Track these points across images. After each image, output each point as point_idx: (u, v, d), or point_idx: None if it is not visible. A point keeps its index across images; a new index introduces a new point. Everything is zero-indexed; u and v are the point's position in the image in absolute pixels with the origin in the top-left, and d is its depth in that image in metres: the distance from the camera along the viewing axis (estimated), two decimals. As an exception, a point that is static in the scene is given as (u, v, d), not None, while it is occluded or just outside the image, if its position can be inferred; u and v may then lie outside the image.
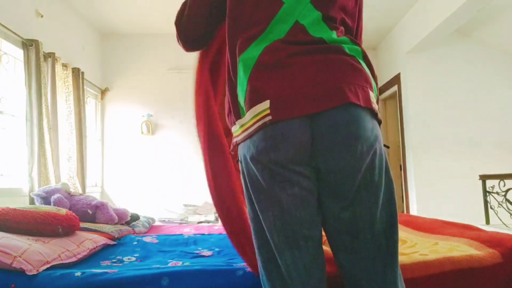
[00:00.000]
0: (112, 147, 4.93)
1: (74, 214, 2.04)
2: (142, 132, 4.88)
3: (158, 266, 1.60)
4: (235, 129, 1.06)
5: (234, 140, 1.07)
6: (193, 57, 1.37)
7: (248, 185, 1.02)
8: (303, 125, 0.93)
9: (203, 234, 2.34)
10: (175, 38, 1.28)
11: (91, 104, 4.74)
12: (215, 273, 1.45)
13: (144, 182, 4.85)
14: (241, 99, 1.01)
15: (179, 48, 1.31)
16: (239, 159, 1.06)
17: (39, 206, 2.22)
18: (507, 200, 2.33)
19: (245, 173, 1.02)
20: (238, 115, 1.03)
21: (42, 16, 3.51)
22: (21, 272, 1.44)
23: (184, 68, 4.95)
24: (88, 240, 1.92)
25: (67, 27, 4.15)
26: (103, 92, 4.93)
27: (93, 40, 4.83)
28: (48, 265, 1.53)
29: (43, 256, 1.56)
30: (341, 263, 1.03)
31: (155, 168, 4.88)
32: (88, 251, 1.84)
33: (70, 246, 1.77)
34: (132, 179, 4.86)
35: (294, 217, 0.97)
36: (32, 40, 3.22)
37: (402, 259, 1.42)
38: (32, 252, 1.53)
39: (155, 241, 2.14)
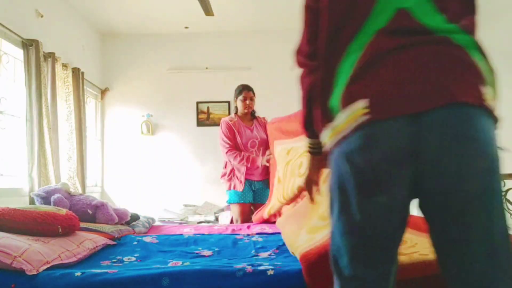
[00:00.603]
0: (112, 147, 4.93)
1: (74, 214, 2.04)
2: (142, 132, 4.88)
3: (158, 266, 1.60)
4: (326, 135, 0.99)
5: (328, 145, 1.00)
6: (193, 57, 1.37)
7: (337, 190, 0.94)
8: (405, 125, 0.85)
9: (203, 234, 2.34)
10: (175, 38, 1.25)
11: (91, 104, 4.74)
12: (215, 273, 1.45)
13: (144, 182, 4.85)
14: (336, 99, 0.95)
15: (179, 48, 1.30)
16: (329, 162, 0.99)
17: (39, 206, 2.22)
18: (507, 200, 2.33)
19: (336, 177, 0.95)
20: (330, 117, 0.97)
21: (42, 16, 3.51)
22: (21, 272, 1.44)
23: (184, 68, 4.95)
24: (88, 240, 1.92)
25: (67, 27, 4.15)
26: (103, 92, 4.93)
27: (93, 40, 4.83)
28: (48, 265, 1.53)
29: (43, 256, 1.56)
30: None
31: (155, 168, 4.88)
32: (88, 251, 1.84)
33: (70, 246, 1.77)
34: (132, 179, 4.86)
35: (385, 225, 0.90)
36: (32, 40, 3.22)
37: (402, 259, 1.42)
38: (32, 252, 1.53)
39: (155, 241, 2.14)
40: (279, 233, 2.33)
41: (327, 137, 0.98)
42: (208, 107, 4.95)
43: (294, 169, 2.50)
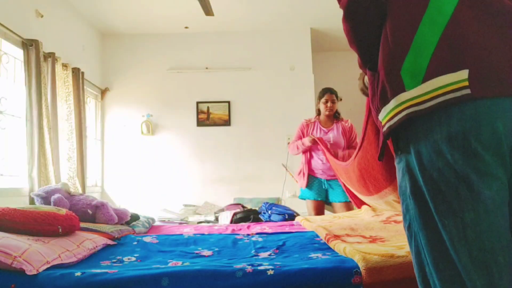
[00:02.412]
0: (112, 147, 4.93)
1: (74, 214, 2.04)
2: (142, 132, 4.89)
3: (158, 266, 1.60)
4: (388, 110, 0.86)
5: (387, 125, 0.86)
6: (193, 57, 1.37)
7: (421, 183, 0.80)
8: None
9: (203, 234, 2.34)
10: (175, 38, 1.22)
11: (91, 104, 4.74)
12: (215, 273, 1.45)
13: (144, 182, 4.85)
14: (416, 65, 0.81)
15: (179, 48, 1.30)
16: (400, 150, 0.86)
17: (39, 206, 2.22)
18: None
19: (417, 167, 0.81)
20: (398, 87, 0.83)
21: (42, 16, 3.51)
22: (21, 272, 1.44)
23: (184, 68, 4.95)
24: (88, 240, 1.92)
25: (67, 27, 4.15)
26: (103, 92, 4.94)
27: (93, 40, 4.83)
28: (48, 265, 1.53)
29: (43, 256, 1.56)
30: None
31: (155, 168, 4.88)
32: (88, 251, 1.84)
33: (70, 246, 1.77)
34: (132, 179, 4.86)
35: (493, 225, 0.74)
36: (32, 40, 3.22)
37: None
38: (32, 252, 1.53)
39: (155, 241, 2.14)
40: (279, 233, 2.34)
41: (390, 112, 0.85)
42: (208, 107, 4.95)
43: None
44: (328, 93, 3.42)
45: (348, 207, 3.19)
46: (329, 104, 3.37)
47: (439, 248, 0.79)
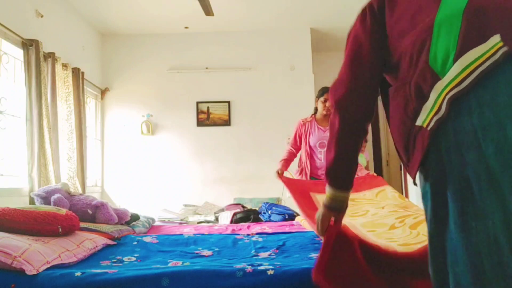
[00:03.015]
0: (112, 147, 4.93)
1: (74, 214, 2.04)
2: (142, 132, 4.88)
3: (158, 266, 1.60)
4: (429, 107, 0.82)
5: (434, 119, 0.82)
6: (193, 57, 1.37)
7: (450, 185, 0.76)
8: None
9: (203, 234, 2.34)
10: (175, 38, 1.21)
11: (91, 104, 4.74)
12: (215, 273, 1.45)
13: (144, 182, 4.85)
14: (440, 51, 0.80)
15: (179, 48, 1.30)
16: (438, 150, 0.81)
17: (39, 206, 2.22)
18: None
19: (450, 166, 0.77)
20: (433, 78, 0.81)
21: (42, 16, 3.51)
22: (21, 272, 1.44)
23: (184, 68, 4.95)
24: (88, 240, 1.92)
25: (67, 27, 4.15)
26: (103, 92, 4.93)
27: (93, 40, 4.83)
28: (48, 265, 1.53)
29: (43, 256, 1.55)
30: None
31: (155, 168, 4.88)
32: (88, 251, 1.84)
33: (70, 246, 1.77)
34: (132, 179, 4.86)
35: None
36: (32, 40, 3.22)
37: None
38: (32, 252, 1.53)
39: (155, 241, 2.14)
40: (279, 233, 2.34)
41: (434, 106, 0.81)
42: (208, 107, 4.95)
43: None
44: (327, 93, 3.40)
45: None
46: (327, 103, 3.36)
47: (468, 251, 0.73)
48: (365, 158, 4.68)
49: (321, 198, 2.13)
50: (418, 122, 0.86)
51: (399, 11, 0.95)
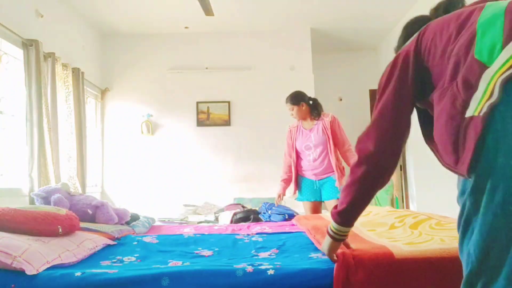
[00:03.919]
0: (112, 147, 4.93)
1: (74, 214, 2.04)
2: (142, 132, 4.89)
3: (158, 266, 1.60)
4: (479, 97, 0.83)
5: (486, 104, 0.81)
6: (193, 57, 1.37)
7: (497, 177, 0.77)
8: None
9: (203, 234, 2.34)
10: (175, 38, 1.23)
11: (91, 104, 4.74)
12: (215, 273, 1.45)
13: (144, 182, 4.85)
14: (491, 40, 0.83)
15: (179, 48, 1.30)
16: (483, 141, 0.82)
17: (39, 206, 2.22)
18: None
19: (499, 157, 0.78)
20: (481, 68, 0.83)
21: (42, 16, 3.52)
22: (21, 272, 1.44)
23: (184, 68, 4.95)
24: (88, 240, 1.92)
25: (67, 27, 4.15)
26: (103, 92, 4.93)
27: (93, 40, 4.83)
28: (48, 265, 1.53)
29: (43, 256, 1.55)
30: None
31: (155, 168, 4.88)
32: (88, 251, 1.84)
33: (70, 246, 1.77)
34: (132, 179, 4.86)
35: None
36: (32, 40, 3.22)
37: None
38: (32, 252, 1.53)
39: (155, 241, 2.14)
40: (279, 233, 2.34)
41: (484, 93, 0.81)
42: (208, 107, 4.95)
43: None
44: (286, 104, 3.40)
45: None
46: (290, 113, 3.37)
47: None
48: None
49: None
50: (469, 113, 0.85)
51: (437, 46, 1.01)
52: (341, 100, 5.78)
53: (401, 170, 5.20)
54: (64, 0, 4.07)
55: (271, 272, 1.43)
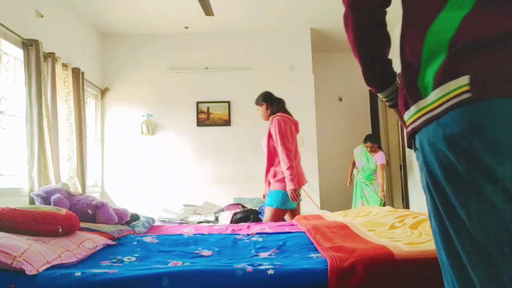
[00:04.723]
0: (112, 147, 4.93)
1: (74, 214, 2.04)
2: (142, 132, 4.89)
3: (158, 266, 1.60)
4: (410, 114, 0.91)
5: (410, 127, 0.91)
6: (193, 57, 1.37)
7: (432, 177, 0.83)
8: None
9: (203, 234, 2.34)
10: (175, 38, 1.22)
11: (91, 104, 4.74)
12: (215, 273, 1.45)
13: (144, 182, 4.85)
14: (427, 76, 0.86)
15: (179, 48, 1.30)
16: (416, 148, 0.90)
17: (39, 206, 2.22)
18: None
19: (428, 164, 0.84)
20: (416, 96, 0.88)
21: (42, 16, 3.52)
22: (21, 272, 1.44)
23: (184, 68, 4.96)
24: (88, 240, 1.92)
25: (67, 27, 4.15)
26: (103, 92, 4.94)
27: (93, 40, 4.83)
28: (48, 265, 1.53)
29: (43, 256, 1.55)
30: None
31: (155, 168, 4.88)
32: (88, 251, 1.84)
33: (70, 246, 1.77)
34: (132, 179, 4.86)
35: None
36: (32, 40, 3.22)
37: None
38: (32, 252, 1.53)
39: (155, 241, 2.14)
40: (279, 233, 2.34)
41: (412, 116, 0.89)
42: (208, 107, 4.96)
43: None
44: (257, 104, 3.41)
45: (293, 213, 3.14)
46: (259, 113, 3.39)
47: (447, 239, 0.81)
48: (375, 161, 4.66)
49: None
50: (405, 118, 0.94)
51: None
52: (341, 100, 5.78)
53: (401, 170, 5.20)
54: (64, 0, 4.07)
55: (271, 272, 1.43)
